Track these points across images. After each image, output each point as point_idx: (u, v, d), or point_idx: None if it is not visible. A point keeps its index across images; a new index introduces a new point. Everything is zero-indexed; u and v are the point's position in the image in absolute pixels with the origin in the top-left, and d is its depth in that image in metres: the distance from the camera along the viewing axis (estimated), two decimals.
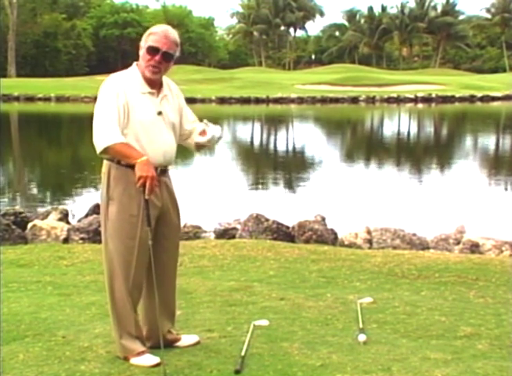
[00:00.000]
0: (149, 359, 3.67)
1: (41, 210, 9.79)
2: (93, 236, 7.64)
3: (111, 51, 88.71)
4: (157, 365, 3.61)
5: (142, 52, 3.69)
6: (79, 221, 8.32)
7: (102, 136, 3.50)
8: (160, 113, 3.66)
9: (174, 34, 3.73)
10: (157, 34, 3.66)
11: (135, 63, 3.76)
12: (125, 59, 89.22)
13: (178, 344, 3.93)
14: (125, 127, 3.56)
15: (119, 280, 3.66)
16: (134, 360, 3.68)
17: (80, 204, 10.73)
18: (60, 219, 8.32)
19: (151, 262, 3.61)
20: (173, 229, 3.81)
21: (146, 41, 3.69)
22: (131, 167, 3.50)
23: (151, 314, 3.79)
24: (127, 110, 3.56)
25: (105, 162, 3.68)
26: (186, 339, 3.96)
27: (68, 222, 8.36)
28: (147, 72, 3.65)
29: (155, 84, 3.69)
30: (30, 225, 7.79)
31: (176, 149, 3.80)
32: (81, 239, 7.57)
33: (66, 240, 7.59)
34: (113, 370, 3.63)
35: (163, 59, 3.65)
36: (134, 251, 3.63)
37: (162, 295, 3.76)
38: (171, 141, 3.73)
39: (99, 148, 3.52)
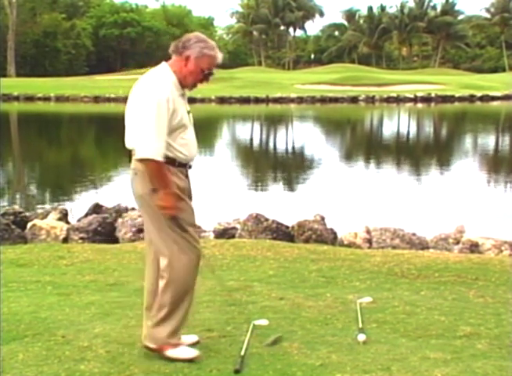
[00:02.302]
0: (187, 352, 3.74)
1: (40, 210, 9.79)
2: (93, 235, 7.65)
3: (111, 51, 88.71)
4: (196, 358, 3.70)
5: (192, 67, 3.68)
6: (78, 220, 8.32)
7: (149, 147, 3.55)
8: (188, 112, 3.79)
9: None
10: (215, 59, 3.72)
11: (167, 66, 3.74)
12: (125, 59, 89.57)
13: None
14: (169, 131, 3.63)
15: (189, 267, 3.72)
16: (170, 352, 3.72)
17: (79, 204, 10.72)
18: (60, 219, 8.32)
19: None
20: None
21: (199, 60, 3.68)
22: (170, 163, 3.63)
23: None
24: (173, 116, 3.62)
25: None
26: (185, 339, 3.96)
27: (68, 222, 8.36)
28: (190, 87, 3.75)
29: (183, 87, 3.79)
30: (29, 224, 7.79)
31: None
32: (81, 238, 7.57)
33: (65, 240, 7.59)
34: (112, 370, 3.63)
35: (210, 77, 3.79)
36: (195, 236, 3.77)
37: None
38: (195, 137, 3.86)
39: (140, 156, 3.59)
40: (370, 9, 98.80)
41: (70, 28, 78.88)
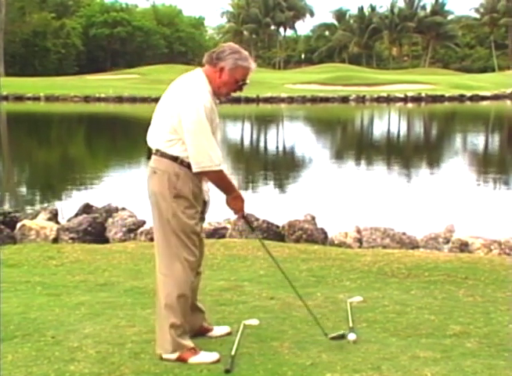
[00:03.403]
0: (208, 356, 3.74)
1: (30, 210, 9.75)
2: (83, 235, 7.62)
3: (101, 50, 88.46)
4: (218, 361, 3.70)
5: (226, 78, 3.72)
6: (68, 221, 8.28)
7: (208, 158, 3.61)
8: (217, 123, 3.84)
9: None
10: (249, 70, 3.78)
11: (203, 74, 3.78)
12: (115, 59, 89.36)
13: (210, 334, 4.10)
14: None
15: (186, 273, 3.74)
16: (194, 359, 3.71)
17: (69, 204, 10.69)
18: (50, 219, 8.28)
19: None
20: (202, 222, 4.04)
21: (234, 71, 3.72)
22: (189, 167, 3.67)
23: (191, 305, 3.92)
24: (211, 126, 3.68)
25: (164, 161, 3.71)
26: (218, 330, 4.13)
27: (57, 222, 8.33)
28: (224, 96, 3.82)
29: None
30: (19, 225, 7.74)
31: None
32: (71, 239, 7.54)
33: (55, 240, 7.56)
34: (102, 370, 3.62)
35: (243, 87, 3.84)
36: (197, 244, 3.81)
37: (197, 284, 3.98)
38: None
39: (201, 168, 3.62)
40: (360, 9, 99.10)
41: (59, 27, 78.54)
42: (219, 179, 3.75)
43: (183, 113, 3.62)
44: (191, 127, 3.61)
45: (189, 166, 3.68)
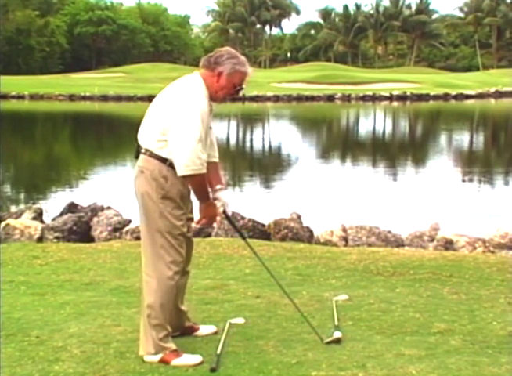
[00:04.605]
0: (191, 358, 3.71)
1: (14, 209, 9.68)
2: (68, 235, 7.59)
3: (86, 49, 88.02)
4: (200, 363, 3.67)
5: (223, 83, 3.73)
6: (53, 220, 8.24)
7: (196, 162, 3.57)
8: (210, 127, 3.86)
9: None
10: (246, 75, 3.80)
11: (200, 78, 3.76)
12: (100, 57, 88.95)
13: (197, 333, 4.09)
14: None
15: (171, 274, 3.72)
16: (176, 361, 3.68)
17: (54, 203, 10.63)
18: (34, 218, 8.24)
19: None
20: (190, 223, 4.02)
21: (231, 76, 3.73)
22: (191, 176, 3.63)
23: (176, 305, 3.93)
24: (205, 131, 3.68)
25: (152, 161, 3.69)
26: (204, 329, 4.12)
27: (42, 221, 8.28)
28: (220, 101, 3.83)
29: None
30: (3, 224, 7.69)
31: None
32: (56, 238, 7.51)
33: (40, 239, 7.51)
34: (87, 370, 3.60)
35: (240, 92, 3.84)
36: (183, 245, 3.78)
37: (184, 284, 3.98)
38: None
39: (193, 172, 3.58)
40: (346, 7, 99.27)
41: (43, 25, 77.91)
42: (202, 185, 3.72)
43: (177, 115, 3.60)
44: (182, 129, 3.58)
45: (173, 167, 3.66)
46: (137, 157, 3.78)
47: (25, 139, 25.30)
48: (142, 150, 3.74)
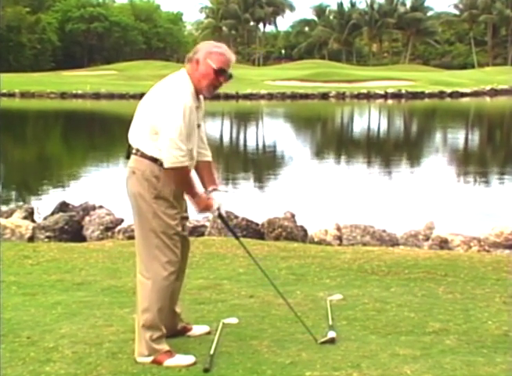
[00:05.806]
0: (184, 359, 3.68)
1: (5, 208, 9.60)
2: (59, 234, 7.54)
3: (77, 46, 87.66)
4: (193, 364, 3.64)
5: (202, 68, 3.65)
6: (45, 219, 8.18)
7: (180, 155, 3.54)
8: (198, 125, 3.78)
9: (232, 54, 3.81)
10: (224, 56, 3.67)
11: (186, 74, 3.70)
12: (92, 54, 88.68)
13: (190, 333, 4.07)
14: None
15: (165, 275, 3.69)
16: (169, 362, 3.65)
17: (45, 202, 10.56)
18: (25, 218, 8.18)
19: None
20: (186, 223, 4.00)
21: (208, 58, 3.64)
22: (174, 169, 3.59)
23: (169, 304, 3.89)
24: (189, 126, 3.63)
25: (143, 161, 3.66)
26: (197, 329, 4.09)
27: (33, 221, 8.23)
28: (206, 91, 3.70)
29: (199, 97, 3.77)
30: None
31: None
32: (47, 237, 7.45)
33: (31, 239, 7.46)
34: (79, 371, 3.57)
35: (227, 79, 3.72)
36: (179, 245, 3.76)
37: (179, 286, 3.97)
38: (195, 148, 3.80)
39: (173, 164, 3.55)
40: (340, 4, 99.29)
41: (34, 22, 77.42)
42: (186, 178, 3.65)
43: (161, 111, 3.57)
44: (164, 123, 3.55)
45: (172, 168, 3.61)
46: (128, 157, 3.75)
47: (16, 137, 25.17)
48: (133, 151, 3.70)
